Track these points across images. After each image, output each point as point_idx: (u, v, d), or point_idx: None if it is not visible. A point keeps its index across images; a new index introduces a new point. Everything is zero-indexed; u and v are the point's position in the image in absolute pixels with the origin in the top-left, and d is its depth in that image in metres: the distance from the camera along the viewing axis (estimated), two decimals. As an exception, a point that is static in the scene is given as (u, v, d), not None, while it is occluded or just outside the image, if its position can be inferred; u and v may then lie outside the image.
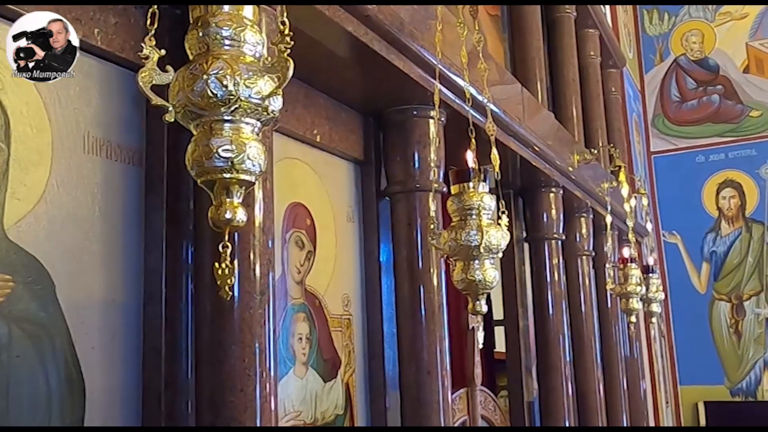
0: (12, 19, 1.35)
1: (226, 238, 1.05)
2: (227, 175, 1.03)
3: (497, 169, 1.99)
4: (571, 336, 4.21)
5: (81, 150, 1.58)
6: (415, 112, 2.55)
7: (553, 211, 3.98)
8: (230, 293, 1.05)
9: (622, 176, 4.18)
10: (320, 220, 2.36)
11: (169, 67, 1.08)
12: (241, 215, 1.05)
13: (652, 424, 6.53)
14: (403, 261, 2.53)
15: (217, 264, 1.06)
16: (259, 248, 1.64)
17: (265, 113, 1.05)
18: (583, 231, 4.58)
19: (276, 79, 1.05)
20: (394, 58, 2.20)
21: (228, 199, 1.04)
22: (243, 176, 1.04)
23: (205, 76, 1.02)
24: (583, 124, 5.04)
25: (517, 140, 3.23)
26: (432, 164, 2.54)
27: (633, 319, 4.05)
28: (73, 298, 1.51)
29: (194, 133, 1.07)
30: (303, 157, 2.32)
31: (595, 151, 4.17)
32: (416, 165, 2.54)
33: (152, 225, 1.69)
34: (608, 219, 4.09)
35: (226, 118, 1.04)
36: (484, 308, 1.94)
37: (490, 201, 1.93)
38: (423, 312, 2.49)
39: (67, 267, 1.51)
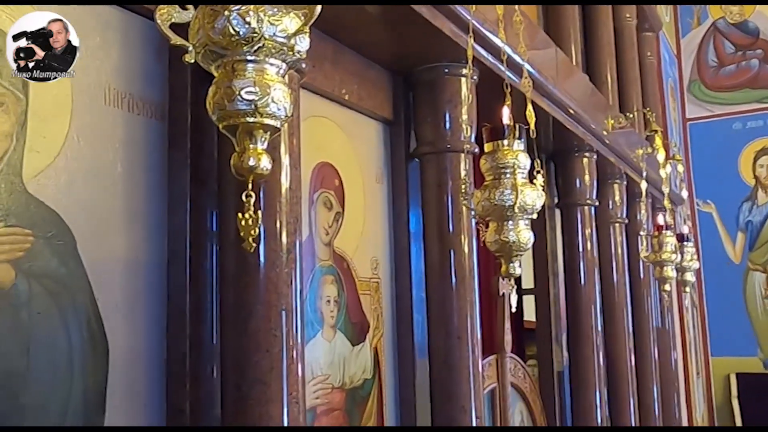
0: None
1: (250, 186, 1.00)
2: (251, 119, 0.97)
3: (533, 126, 1.91)
4: (602, 305, 4.12)
5: (102, 102, 1.53)
6: (446, 70, 2.47)
7: (587, 177, 3.87)
8: (254, 245, 1.00)
9: (658, 141, 4.06)
10: (348, 181, 2.30)
11: (189, 6, 1.01)
12: (265, 162, 0.99)
13: (682, 395, 6.44)
14: (433, 224, 2.46)
15: (240, 214, 1.00)
16: (286, 206, 1.58)
17: (290, 53, 0.99)
18: (617, 198, 4.46)
19: (302, 17, 0.98)
20: (426, 12, 2.11)
21: (252, 145, 0.98)
22: (267, 120, 0.97)
23: (226, 13, 0.95)
24: (618, 88, 4.89)
25: (551, 101, 3.13)
26: (463, 124, 2.45)
27: (667, 287, 3.95)
28: (95, 255, 1.46)
29: (215, 74, 1.00)
30: (331, 116, 2.26)
31: (631, 116, 4.05)
32: (447, 125, 2.46)
33: (176, 182, 1.64)
34: (643, 185, 3.97)
35: (249, 58, 0.97)
36: (518, 270, 1.87)
37: (525, 159, 1.85)
38: (453, 276, 2.42)
39: (89, 223, 1.46)
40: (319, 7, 0.96)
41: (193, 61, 1.00)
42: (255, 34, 0.95)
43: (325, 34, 2.14)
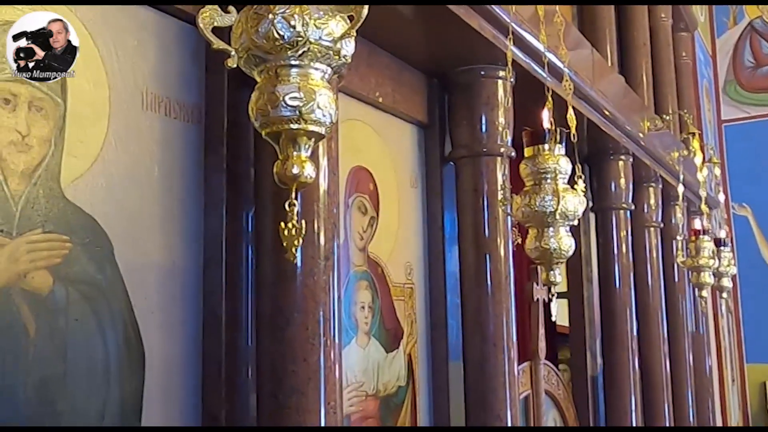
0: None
1: (293, 195, 0.97)
2: (295, 126, 0.94)
3: (574, 130, 1.87)
4: (637, 310, 4.05)
5: (139, 106, 1.51)
6: (482, 73, 2.43)
7: (622, 180, 3.80)
8: (296, 256, 0.97)
9: (695, 144, 3.98)
10: (383, 185, 2.27)
11: (231, 8, 0.98)
12: (309, 170, 0.96)
13: (717, 402, 6.32)
14: (469, 229, 2.42)
15: (282, 224, 0.97)
16: (324, 212, 1.55)
17: (336, 57, 0.96)
18: (652, 201, 4.38)
19: (348, 19, 0.95)
20: (463, 13, 2.07)
21: (295, 153, 0.95)
22: (312, 127, 0.95)
23: (270, 16, 0.93)
24: (653, 89, 4.81)
25: (587, 103, 3.07)
26: (500, 127, 2.41)
27: (704, 293, 3.87)
28: (132, 261, 1.45)
29: (258, 80, 0.98)
30: (366, 119, 2.23)
31: (668, 118, 3.97)
32: (483, 128, 2.42)
33: (212, 186, 1.62)
34: (680, 189, 3.89)
35: (293, 62, 0.94)
36: (559, 279, 1.83)
37: (566, 164, 1.81)
38: (489, 282, 2.38)
39: (126, 228, 1.45)
40: (366, 9, 0.93)
41: (235, 65, 0.97)
42: (300, 38, 0.92)
43: (360, 35, 2.10)
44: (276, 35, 0.92)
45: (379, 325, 2.19)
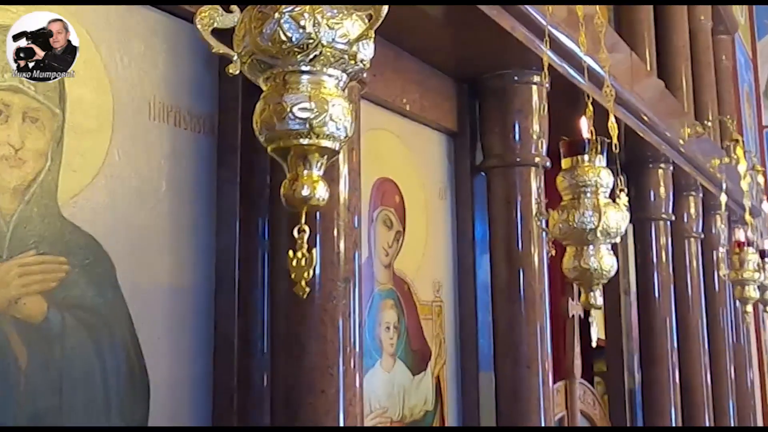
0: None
1: (303, 220, 0.85)
2: (305, 141, 0.82)
3: (615, 139, 1.73)
4: (677, 323, 3.88)
5: (146, 116, 1.40)
6: (515, 78, 2.29)
7: (662, 189, 3.63)
8: (307, 289, 0.85)
9: (739, 151, 3.79)
10: (410, 198, 2.14)
11: (234, 7, 0.87)
12: (321, 191, 0.84)
13: (759, 416, 6.08)
14: (501, 243, 2.29)
15: (291, 253, 0.85)
16: (344, 229, 1.43)
17: (352, 62, 0.83)
18: (692, 211, 4.20)
19: (366, 19, 0.82)
20: (496, 15, 1.94)
21: (306, 171, 0.83)
22: (324, 142, 0.82)
23: (277, 15, 0.81)
24: (693, 94, 4.62)
25: (625, 109, 2.92)
26: (534, 136, 2.28)
27: (749, 308, 3.69)
28: (136, 283, 1.34)
29: (264, 88, 0.86)
30: (391, 128, 2.11)
31: (709, 124, 3.79)
32: (516, 136, 2.28)
33: (224, 201, 1.51)
34: (723, 198, 3.71)
35: (303, 68, 0.82)
36: (599, 301, 1.68)
37: (607, 177, 1.67)
38: (522, 299, 2.25)
39: (130, 248, 1.34)
40: (386, 8, 0.80)
41: (237, 72, 0.85)
42: (311, 41, 0.80)
43: (385, 39, 1.99)
44: (283, 37, 0.80)
45: (406, 347, 2.06)
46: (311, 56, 0.81)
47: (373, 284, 1.96)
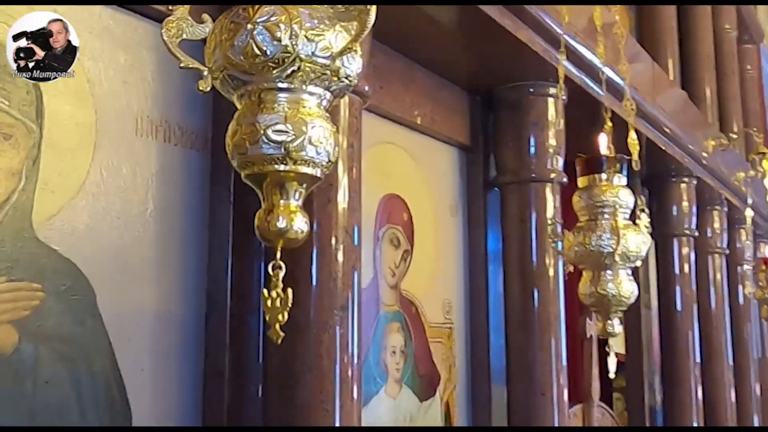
0: None
1: (278, 255, 0.75)
2: (281, 167, 0.72)
3: (636, 156, 1.62)
4: (700, 339, 3.74)
5: (132, 132, 1.32)
6: (531, 89, 2.20)
7: (685, 204, 3.50)
8: (281, 334, 0.75)
9: (765, 164, 3.66)
10: (419, 215, 2.05)
11: (206, 16, 0.78)
12: (300, 224, 0.74)
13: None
14: (515, 262, 2.19)
15: (265, 292, 0.76)
16: (343, 254, 1.33)
17: (335, 79, 0.74)
18: (716, 226, 4.06)
19: (351, 30, 0.73)
20: (510, 24, 1.84)
21: (282, 201, 0.74)
22: (303, 168, 0.73)
23: (249, 26, 0.71)
24: (718, 105, 4.48)
25: (647, 122, 2.80)
26: (550, 150, 2.18)
27: (775, 329, 3.54)
28: (119, 310, 1.25)
29: (238, 106, 0.77)
30: (400, 142, 2.01)
31: (735, 137, 3.66)
32: (532, 151, 2.19)
33: (217, 222, 1.42)
34: (749, 213, 3.57)
35: (280, 85, 0.73)
36: (618, 330, 1.58)
37: (628, 197, 1.57)
38: (537, 321, 2.14)
39: (112, 273, 1.25)
40: (373, 10, 0.71)
41: (209, 88, 0.76)
42: (287, 54, 0.71)
43: (394, 49, 1.90)
44: (256, 50, 0.71)
45: (413, 372, 1.96)
46: (288, 72, 0.72)
47: (378, 306, 1.87)
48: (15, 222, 1.12)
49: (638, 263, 1.58)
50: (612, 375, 1.69)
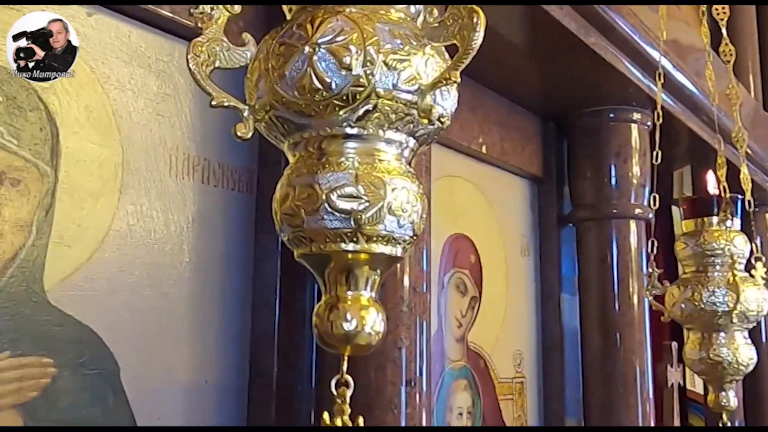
0: None
1: (344, 367, 0.54)
2: (350, 247, 0.51)
3: (749, 195, 1.38)
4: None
5: (165, 172, 1.13)
6: (611, 115, 1.98)
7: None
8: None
9: None
10: (487, 256, 1.84)
11: (247, 36, 0.58)
12: (374, 323, 0.53)
13: None
14: (594, 308, 1.97)
15: (326, 415, 0.55)
16: (411, 317, 1.12)
17: (424, 121, 0.53)
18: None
19: (444, 53, 0.52)
20: (593, 42, 1.62)
21: (350, 293, 0.53)
22: (379, 248, 0.52)
23: (308, 49, 0.51)
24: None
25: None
26: (635, 182, 1.94)
27: None
28: (146, 385, 1.06)
29: (290, 159, 0.56)
30: (466, 175, 1.81)
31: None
32: (613, 183, 1.97)
33: (264, 275, 1.23)
34: None
35: (349, 131, 0.52)
36: (734, 403, 1.33)
37: (744, 245, 1.33)
38: (618, 374, 1.91)
39: (138, 339, 1.06)
40: (480, 34, 0.50)
41: (249, 135, 0.56)
42: (360, 88, 0.50)
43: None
44: (317, 83, 0.51)
45: (481, 435, 1.74)
46: (360, 112, 0.51)
47: (443, 362, 1.65)
48: (22, 284, 0.94)
49: (754, 323, 1.34)
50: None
